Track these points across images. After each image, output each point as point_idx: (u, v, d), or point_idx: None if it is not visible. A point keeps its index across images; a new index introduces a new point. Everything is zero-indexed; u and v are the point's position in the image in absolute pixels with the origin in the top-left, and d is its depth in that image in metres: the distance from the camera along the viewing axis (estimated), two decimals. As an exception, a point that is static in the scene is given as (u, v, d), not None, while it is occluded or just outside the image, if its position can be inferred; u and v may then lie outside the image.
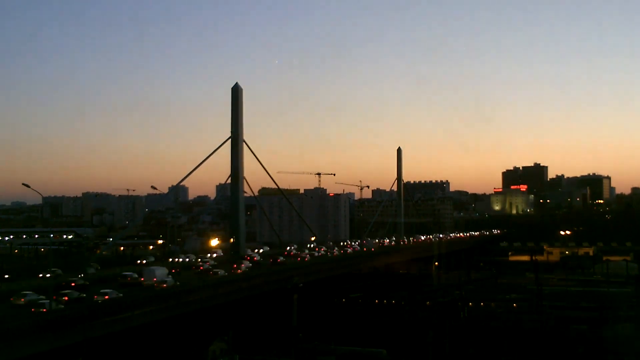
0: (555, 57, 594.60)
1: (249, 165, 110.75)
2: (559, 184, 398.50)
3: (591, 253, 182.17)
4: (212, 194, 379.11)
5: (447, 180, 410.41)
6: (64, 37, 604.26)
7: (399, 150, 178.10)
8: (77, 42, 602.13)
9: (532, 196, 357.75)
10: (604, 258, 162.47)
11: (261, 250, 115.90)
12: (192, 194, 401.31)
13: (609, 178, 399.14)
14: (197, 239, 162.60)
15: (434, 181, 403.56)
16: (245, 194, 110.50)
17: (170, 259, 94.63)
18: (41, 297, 52.89)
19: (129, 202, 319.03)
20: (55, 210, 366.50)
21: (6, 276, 77.66)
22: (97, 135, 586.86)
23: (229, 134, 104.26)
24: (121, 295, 58.93)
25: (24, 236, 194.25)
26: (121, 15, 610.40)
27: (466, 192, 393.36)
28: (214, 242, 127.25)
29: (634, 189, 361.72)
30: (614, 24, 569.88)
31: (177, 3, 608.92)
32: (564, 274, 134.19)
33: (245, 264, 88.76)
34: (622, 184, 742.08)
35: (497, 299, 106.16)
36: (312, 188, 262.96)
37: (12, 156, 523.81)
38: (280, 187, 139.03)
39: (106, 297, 57.19)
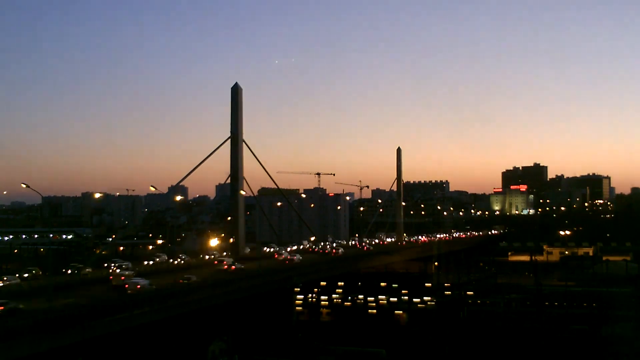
0: (555, 57, 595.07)
1: (249, 165, 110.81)
2: (558, 184, 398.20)
3: (591, 253, 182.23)
4: (212, 194, 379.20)
5: (447, 180, 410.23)
6: (64, 36, 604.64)
7: (398, 150, 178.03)
8: (77, 41, 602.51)
9: (532, 196, 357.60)
10: (604, 258, 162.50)
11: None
12: (192, 194, 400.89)
13: (608, 178, 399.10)
14: (196, 238, 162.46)
15: (434, 181, 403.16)
16: (244, 194, 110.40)
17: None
18: None
19: (129, 202, 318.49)
20: (55, 210, 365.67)
21: None
22: (97, 135, 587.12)
23: (229, 134, 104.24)
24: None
25: (24, 236, 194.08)
26: (121, 15, 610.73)
27: (466, 192, 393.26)
28: (214, 242, 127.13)
29: (634, 189, 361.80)
30: (613, 24, 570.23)
31: (177, 3, 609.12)
32: (564, 274, 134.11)
33: None
34: (622, 184, 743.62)
35: (497, 299, 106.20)
36: (312, 188, 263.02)
37: (12, 156, 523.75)
38: (280, 187, 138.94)
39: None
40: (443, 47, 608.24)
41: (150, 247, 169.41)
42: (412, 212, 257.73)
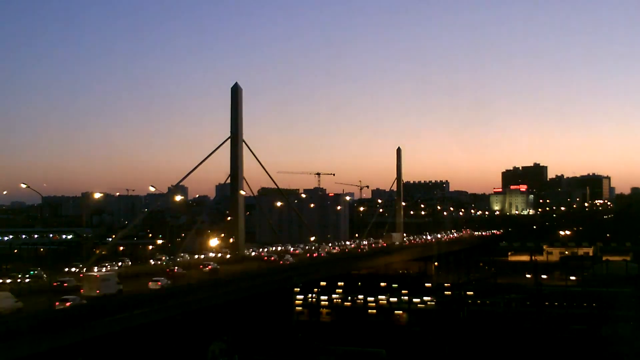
0: (555, 56, 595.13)
1: (249, 165, 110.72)
2: (558, 184, 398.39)
3: (591, 253, 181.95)
4: (212, 194, 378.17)
5: (447, 180, 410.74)
6: (63, 36, 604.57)
7: (398, 150, 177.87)
8: (76, 41, 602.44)
9: (531, 196, 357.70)
10: (604, 258, 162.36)
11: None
12: (192, 194, 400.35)
13: (608, 178, 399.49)
14: (196, 238, 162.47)
15: (433, 181, 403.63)
16: (244, 194, 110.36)
17: None
18: None
19: (129, 202, 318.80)
20: (54, 210, 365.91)
21: None
22: (96, 135, 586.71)
23: (229, 134, 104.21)
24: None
25: (24, 236, 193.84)
26: (121, 15, 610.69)
27: (466, 192, 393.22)
28: (214, 241, 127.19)
29: (634, 189, 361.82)
30: (613, 23, 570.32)
31: (177, 2, 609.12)
32: (564, 274, 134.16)
33: None
34: (622, 184, 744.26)
35: (497, 299, 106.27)
36: (312, 188, 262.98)
37: (12, 156, 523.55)
38: (280, 187, 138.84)
39: None
40: (443, 47, 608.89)
41: (150, 247, 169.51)
42: (412, 212, 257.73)
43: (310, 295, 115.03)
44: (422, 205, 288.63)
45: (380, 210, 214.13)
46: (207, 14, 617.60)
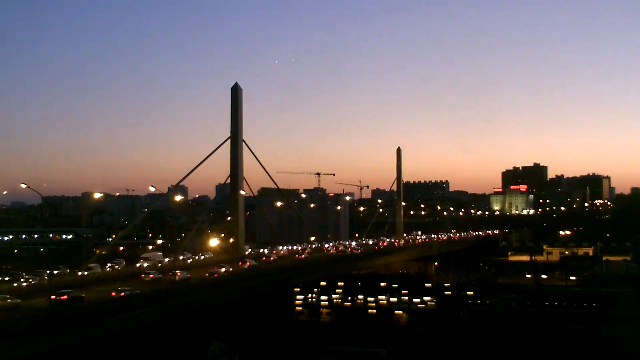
0: (555, 56, 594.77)
1: (249, 165, 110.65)
2: (558, 184, 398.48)
3: (591, 253, 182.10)
4: (212, 194, 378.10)
5: (446, 180, 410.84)
6: (63, 36, 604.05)
7: (398, 150, 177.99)
8: (76, 41, 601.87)
9: (531, 196, 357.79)
10: (604, 258, 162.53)
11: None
12: (192, 194, 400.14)
13: (608, 178, 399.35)
14: (196, 238, 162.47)
15: (433, 181, 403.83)
16: (244, 194, 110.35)
17: None
18: None
19: (129, 202, 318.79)
20: (55, 210, 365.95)
21: None
22: (96, 135, 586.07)
23: (229, 134, 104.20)
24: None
25: (24, 236, 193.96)
26: (121, 15, 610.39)
27: (466, 192, 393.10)
28: (214, 241, 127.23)
29: (634, 189, 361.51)
30: (613, 23, 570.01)
31: (177, 3, 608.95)
32: (564, 274, 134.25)
33: None
34: (622, 184, 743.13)
35: (497, 299, 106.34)
36: (312, 188, 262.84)
37: (12, 156, 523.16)
38: (280, 187, 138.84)
39: None
40: (443, 47, 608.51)
41: (150, 247, 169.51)
42: (412, 212, 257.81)
43: (310, 295, 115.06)
44: (422, 205, 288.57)
45: (381, 210, 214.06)
46: (207, 15, 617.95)
